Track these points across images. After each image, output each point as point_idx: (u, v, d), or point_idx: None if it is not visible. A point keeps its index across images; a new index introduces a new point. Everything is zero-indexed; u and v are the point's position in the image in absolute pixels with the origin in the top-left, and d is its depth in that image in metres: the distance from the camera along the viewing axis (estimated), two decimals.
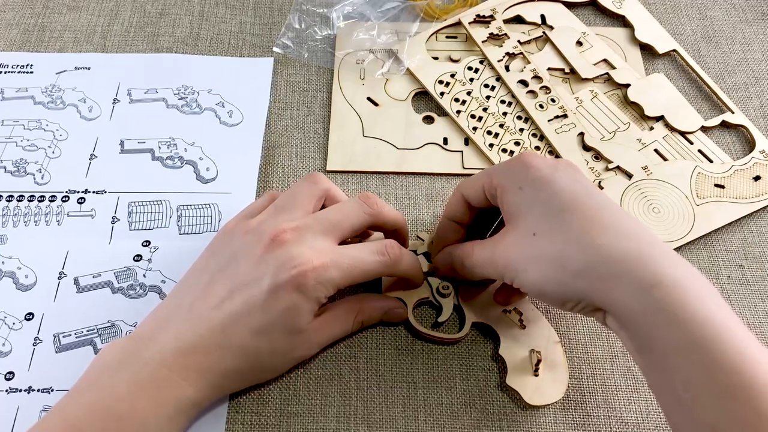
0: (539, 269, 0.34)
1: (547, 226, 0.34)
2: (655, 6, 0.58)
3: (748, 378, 0.28)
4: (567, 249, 0.33)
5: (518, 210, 0.35)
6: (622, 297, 0.31)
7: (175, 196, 0.46)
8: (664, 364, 0.30)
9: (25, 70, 0.51)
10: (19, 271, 0.42)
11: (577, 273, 0.32)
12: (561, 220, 0.33)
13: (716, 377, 0.28)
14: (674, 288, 0.30)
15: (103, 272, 0.43)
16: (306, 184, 0.39)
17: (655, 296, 0.30)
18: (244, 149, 0.48)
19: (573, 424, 0.39)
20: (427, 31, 0.54)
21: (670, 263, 0.31)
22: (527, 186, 0.35)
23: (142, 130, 0.49)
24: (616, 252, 0.32)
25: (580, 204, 0.34)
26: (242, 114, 0.50)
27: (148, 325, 0.36)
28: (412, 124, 0.50)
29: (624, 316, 0.31)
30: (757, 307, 0.43)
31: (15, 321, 0.41)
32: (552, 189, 0.34)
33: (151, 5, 0.56)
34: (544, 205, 0.34)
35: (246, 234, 0.37)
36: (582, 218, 0.33)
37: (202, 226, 0.45)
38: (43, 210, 0.45)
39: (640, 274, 0.31)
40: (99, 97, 0.50)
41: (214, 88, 0.51)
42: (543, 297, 0.35)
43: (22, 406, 0.38)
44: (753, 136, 0.50)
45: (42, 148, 0.48)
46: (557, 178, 0.35)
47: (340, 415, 0.39)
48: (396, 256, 0.37)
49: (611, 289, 0.31)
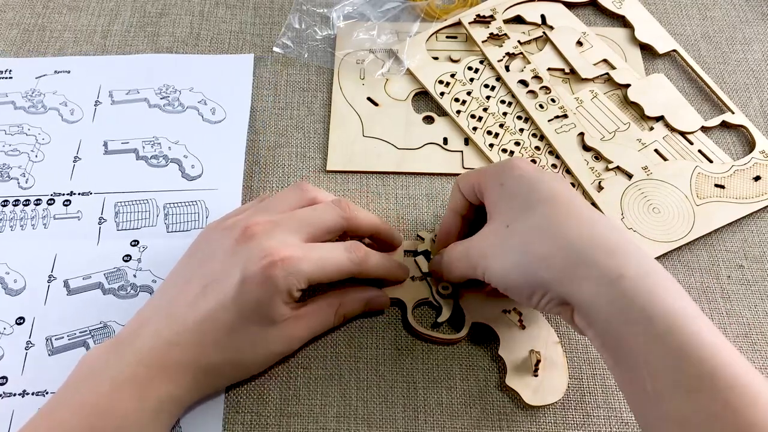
0: (505, 256, 0.34)
1: (520, 217, 0.34)
2: (655, 6, 0.58)
3: (713, 369, 0.28)
4: (533, 235, 0.33)
5: (498, 204, 0.36)
6: (588, 288, 0.31)
7: (162, 194, 0.46)
8: (631, 357, 0.30)
9: (4, 76, 0.51)
10: (8, 276, 0.42)
11: (541, 258, 0.33)
12: (534, 211, 0.34)
13: (682, 368, 0.28)
14: (639, 279, 0.30)
15: (93, 273, 0.43)
16: (292, 191, 0.39)
17: (621, 287, 0.30)
18: (229, 145, 0.48)
19: (573, 424, 0.39)
20: (427, 31, 0.54)
21: (635, 256, 0.32)
22: (508, 181, 0.36)
23: (125, 130, 0.49)
24: (584, 241, 0.32)
25: (556, 198, 0.34)
26: (225, 111, 0.50)
27: (130, 326, 0.36)
28: (412, 124, 0.50)
29: (590, 309, 0.31)
30: (757, 307, 0.43)
31: (6, 326, 0.41)
32: (532, 184, 0.35)
33: (151, 5, 0.56)
34: (522, 199, 0.35)
35: (221, 231, 0.38)
36: (556, 209, 0.34)
37: (190, 223, 0.45)
38: (28, 214, 0.45)
39: (605, 264, 0.31)
40: (80, 99, 0.50)
41: (196, 86, 0.51)
42: (508, 287, 0.35)
43: (17, 411, 0.38)
44: (753, 136, 0.50)
45: (25, 152, 0.47)
46: (540, 177, 0.36)
47: (340, 415, 0.39)
48: (361, 255, 0.37)
49: (577, 279, 0.32)
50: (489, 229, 0.36)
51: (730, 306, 0.43)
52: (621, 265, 0.31)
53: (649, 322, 0.29)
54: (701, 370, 0.28)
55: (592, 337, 0.32)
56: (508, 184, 0.36)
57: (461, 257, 0.37)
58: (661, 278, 0.31)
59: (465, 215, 0.40)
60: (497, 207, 0.36)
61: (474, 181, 0.38)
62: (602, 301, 0.31)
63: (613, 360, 0.32)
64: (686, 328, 0.29)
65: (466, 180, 0.39)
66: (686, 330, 0.29)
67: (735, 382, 0.28)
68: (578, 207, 0.34)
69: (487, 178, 0.37)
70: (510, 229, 0.35)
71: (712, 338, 0.29)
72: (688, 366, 0.28)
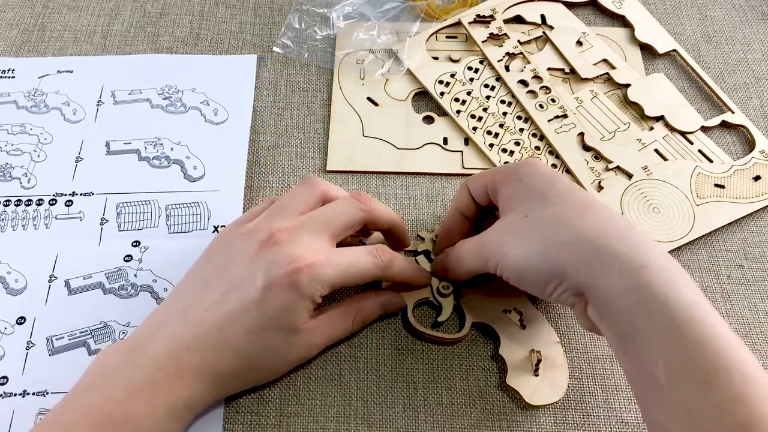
0: (523, 243, 0.34)
1: (539, 208, 0.35)
2: (655, 6, 0.58)
3: (728, 362, 0.28)
4: (553, 225, 0.34)
5: (515, 198, 0.37)
6: (609, 277, 0.32)
7: (163, 195, 0.46)
8: (645, 346, 0.30)
9: (6, 75, 0.51)
10: (9, 275, 0.42)
11: (562, 245, 0.33)
12: (553, 204, 0.35)
13: (697, 359, 0.29)
14: (660, 270, 0.31)
15: (94, 274, 0.42)
16: (303, 188, 0.39)
17: (643, 277, 0.31)
18: (231, 146, 0.48)
19: (573, 424, 0.39)
20: (427, 31, 0.54)
21: (655, 250, 0.32)
22: (527, 177, 0.37)
23: (127, 131, 0.49)
24: (604, 233, 0.33)
25: (575, 194, 0.35)
26: (227, 112, 0.50)
27: (143, 330, 0.36)
28: (412, 124, 0.50)
29: (607, 298, 0.32)
30: (757, 307, 0.43)
31: (6, 326, 0.40)
32: (551, 181, 0.36)
33: (151, 5, 0.56)
34: (541, 194, 0.36)
35: (241, 236, 0.37)
36: (576, 203, 0.35)
37: (192, 225, 0.45)
38: (30, 214, 0.45)
39: (629, 255, 0.32)
40: (83, 99, 0.50)
41: (198, 87, 0.51)
42: (524, 276, 0.35)
43: (18, 411, 0.38)
44: (753, 136, 0.50)
45: (27, 152, 0.47)
46: (558, 175, 0.37)
47: (340, 415, 0.39)
48: (387, 259, 0.37)
49: (598, 267, 0.32)
50: (504, 222, 0.37)
51: (730, 306, 0.43)
52: (642, 256, 0.31)
53: (669, 312, 0.30)
54: (716, 362, 0.28)
55: (605, 329, 0.33)
56: (527, 180, 0.36)
57: (473, 251, 0.37)
58: (679, 271, 0.32)
59: (470, 217, 0.40)
60: (515, 200, 0.36)
61: (487, 180, 0.38)
62: (622, 289, 0.31)
63: (624, 349, 0.32)
64: (704, 320, 0.29)
65: (478, 181, 0.39)
66: (704, 322, 0.29)
67: (748, 377, 0.28)
68: (596, 203, 0.35)
69: (503, 175, 0.38)
70: (529, 218, 0.35)
71: (727, 333, 0.30)
72: (703, 358, 0.29)
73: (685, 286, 0.31)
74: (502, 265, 0.35)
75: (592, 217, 0.34)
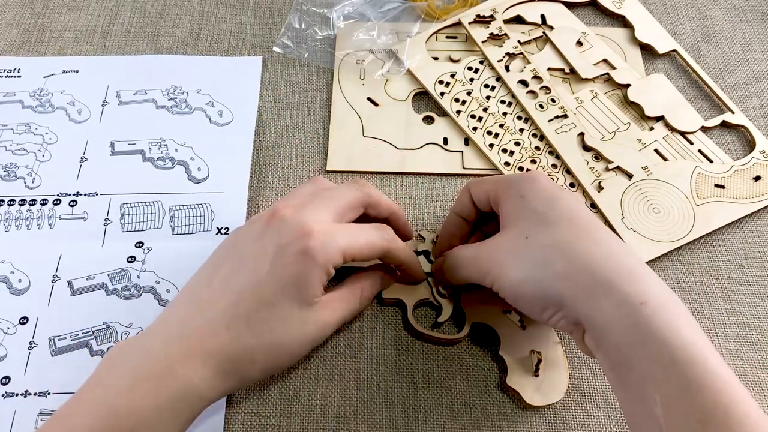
0: (522, 267, 0.34)
1: (540, 232, 0.34)
2: (655, 6, 0.58)
3: (727, 402, 0.28)
4: (553, 252, 0.33)
5: (516, 215, 0.36)
6: (607, 310, 0.31)
7: (167, 196, 0.46)
8: (642, 382, 0.30)
9: (12, 75, 0.51)
10: (12, 275, 0.42)
11: (560, 275, 0.33)
12: (554, 227, 0.34)
13: (696, 399, 0.28)
14: (660, 307, 0.31)
15: (97, 274, 0.42)
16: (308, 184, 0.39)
17: (643, 313, 0.30)
18: (235, 148, 0.48)
19: (573, 424, 0.39)
20: (427, 31, 0.54)
21: (655, 284, 0.32)
22: (529, 194, 0.36)
23: (132, 131, 0.49)
24: (603, 262, 0.32)
25: (576, 218, 0.35)
26: (232, 113, 0.50)
27: (154, 323, 0.35)
28: (412, 124, 0.50)
29: (604, 331, 0.31)
30: (757, 307, 0.43)
31: (9, 325, 0.41)
32: (552, 201, 0.35)
33: (151, 5, 0.56)
34: (542, 214, 0.35)
35: (246, 225, 0.37)
36: (576, 229, 0.34)
37: (195, 226, 0.45)
38: (34, 214, 0.45)
39: (627, 289, 0.31)
40: (88, 99, 0.50)
41: (204, 88, 0.51)
42: (521, 299, 0.35)
43: (19, 411, 0.38)
44: (753, 136, 0.50)
45: (32, 152, 0.47)
46: (560, 194, 0.36)
47: (340, 415, 0.39)
48: (391, 234, 0.38)
49: (596, 300, 0.32)
50: (505, 238, 0.36)
51: (730, 306, 0.43)
52: (643, 292, 0.31)
53: (668, 350, 0.29)
54: (715, 402, 0.28)
55: (601, 359, 0.32)
56: (529, 197, 0.36)
57: (469, 260, 0.37)
58: (679, 308, 0.31)
59: (470, 221, 0.40)
60: (516, 218, 0.36)
61: (489, 189, 0.38)
62: (620, 324, 0.31)
63: (621, 383, 0.31)
64: (704, 360, 0.29)
65: (480, 187, 0.39)
66: (704, 362, 0.29)
67: (747, 419, 0.28)
68: (597, 229, 0.34)
69: (505, 187, 0.37)
70: (529, 241, 0.34)
71: (727, 373, 0.29)
72: (702, 397, 0.28)
73: (684, 323, 0.31)
74: (499, 284, 0.35)
75: (591, 247, 0.33)
